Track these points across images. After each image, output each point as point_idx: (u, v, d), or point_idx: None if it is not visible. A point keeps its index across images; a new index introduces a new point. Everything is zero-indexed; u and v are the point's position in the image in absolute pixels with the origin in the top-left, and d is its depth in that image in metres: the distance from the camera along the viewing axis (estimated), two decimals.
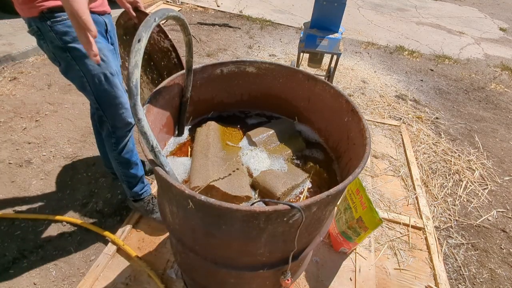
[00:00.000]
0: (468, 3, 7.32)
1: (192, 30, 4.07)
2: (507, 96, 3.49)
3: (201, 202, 0.64)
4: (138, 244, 1.52)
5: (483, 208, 2.04)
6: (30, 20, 1.04)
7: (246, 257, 0.80)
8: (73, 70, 1.14)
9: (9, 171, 1.91)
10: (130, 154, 1.43)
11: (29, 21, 1.05)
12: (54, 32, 1.04)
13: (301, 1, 5.84)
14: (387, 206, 1.88)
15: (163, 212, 0.91)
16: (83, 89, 1.22)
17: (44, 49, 1.13)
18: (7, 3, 3.51)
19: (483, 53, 4.63)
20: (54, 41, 1.06)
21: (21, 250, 1.52)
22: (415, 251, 1.64)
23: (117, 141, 1.37)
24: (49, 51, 1.11)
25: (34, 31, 1.07)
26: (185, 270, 1.10)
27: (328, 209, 0.80)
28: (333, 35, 2.45)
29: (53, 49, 1.09)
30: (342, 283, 1.45)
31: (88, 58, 1.12)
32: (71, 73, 1.16)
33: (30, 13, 1.01)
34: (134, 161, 1.47)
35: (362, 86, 3.29)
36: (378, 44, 4.42)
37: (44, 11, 1.01)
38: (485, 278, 1.64)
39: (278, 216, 0.66)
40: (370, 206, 1.30)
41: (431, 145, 2.52)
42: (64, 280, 1.43)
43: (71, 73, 1.16)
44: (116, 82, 1.23)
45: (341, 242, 1.51)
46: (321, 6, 2.41)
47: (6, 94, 2.51)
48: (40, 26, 1.04)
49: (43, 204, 1.75)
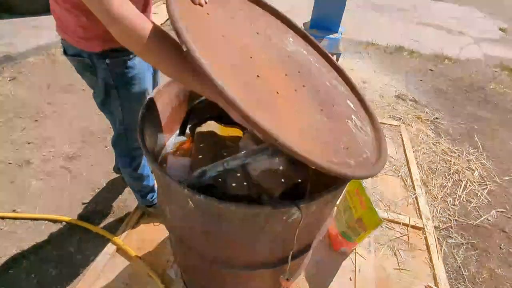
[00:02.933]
0: (468, 3, 7.32)
1: None
2: (507, 96, 3.49)
3: (200, 200, 0.64)
4: (138, 244, 1.52)
5: (482, 208, 2.04)
6: (83, 52, 0.99)
7: (246, 256, 0.80)
8: (113, 103, 1.14)
9: (8, 171, 1.91)
10: (143, 169, 1.44)
11: (80, 52, 1.00)
12: (110, 70, 1.03)
13: (301, 1, 5.84)
14: (387, 206, 1.88)
15: (162, 211, 0.91)
16: (111, 114, 1.21)
17: (87, 78, 1.11)
18: (6, 3, 3.51)
19: (482, 53, 4.63)
20: (106, 78, 1.04)
21: (20, 250, 1.52)
22: (414, 251, 1.64)
23: (133, 159, 1.37)
24: (94, 82, 1.09)
25: (85, 63, 1.02)
26: (184, 270, 1.10)
27: (327, 209, 0.80)
28: (333, 35, 2.46)
29: (101, 83, 1.07)
30: (342, 283, 1.45)
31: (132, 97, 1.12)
32: (108, 106, 1.16)
33: (90, 48, 0.98)
34: (146, 174, 1.48)
35: (362, 86, 3.29)
36: (378, 44, 4.42)
37: (106, 49, 0.98)
38: (484, 278, 1.64)
39: (277, 215, 0.66)
40: (370, 206, 1.30)
41: (431, 145, 2.52)
42: (63, 280, 1.43)
43: (108, 105, 1.15)
44: None
45: (340, 242, 1.51)
46: (321, 6, 2.41)
47: (6, 94, 2.51)
48: (96, 61, 1.01)
49: (42, 204, 1.75)
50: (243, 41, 0.73)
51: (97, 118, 2.38)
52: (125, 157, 1.36)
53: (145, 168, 1.46)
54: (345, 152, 0.68)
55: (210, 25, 0.70)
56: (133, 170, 1.40)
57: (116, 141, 1.34)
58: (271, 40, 0.85)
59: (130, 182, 1.49)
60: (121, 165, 1.41)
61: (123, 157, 1.37)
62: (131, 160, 1.37)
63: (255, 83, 0.64)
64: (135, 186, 1.51)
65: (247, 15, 0.87)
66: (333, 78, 0.97)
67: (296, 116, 0.66)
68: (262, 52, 0.76)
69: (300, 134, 0.62)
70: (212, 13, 0.74)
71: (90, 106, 2.49)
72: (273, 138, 0.53)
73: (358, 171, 0.62)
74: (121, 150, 1.35)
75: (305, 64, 0.88)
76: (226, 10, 0.80)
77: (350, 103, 0.90)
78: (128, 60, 1.05)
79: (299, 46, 0.96)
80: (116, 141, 1.34)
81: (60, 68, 2.93)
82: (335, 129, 0.72)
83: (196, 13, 0.69)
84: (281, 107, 0.64)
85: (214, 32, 0.68)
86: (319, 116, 0.72)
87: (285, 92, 0.70)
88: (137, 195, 1.57)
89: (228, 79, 0.57)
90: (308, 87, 0.78)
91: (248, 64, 0.67)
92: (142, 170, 1.44)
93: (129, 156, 1.36)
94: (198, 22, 0.67)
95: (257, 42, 0.78)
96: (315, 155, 0.58)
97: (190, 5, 0.70)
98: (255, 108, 0.56)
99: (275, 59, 0.78)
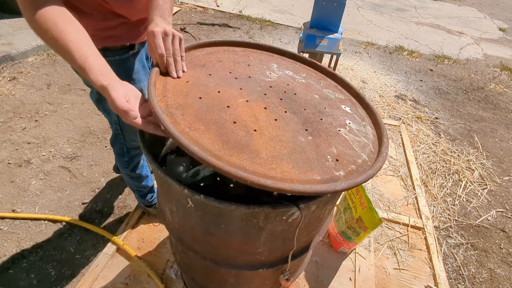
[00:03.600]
0: (467, 3, 7.33)
1: (191, 30, 4.08)
2: (507, 96, 3.49)
3: (200, 200, 0.64)
4: (138, 244, 1.52)
5: (482, 208, 2.04)
6: None
7: (246, 256, 0.80)
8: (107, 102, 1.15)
9: (8, 171, 1.90)
10: (141, 169, 1.44)
11: None
12: None
13: (301, 1, 5.85)
14: (387, 206, 1.88)
15: (162, 211, 0.91)
16: (107, 113, 1.21)
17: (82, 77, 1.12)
18: (6, 3, 3.51)
19: (482, 53, 4.63)
20: None
21: (20, 250, 1.52)
22: (414, 251, 1.64)
23: (130, 159, 1.37)
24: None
25: None
26: (184, 270, 1.10)
27: (327, 209, 0.80)
28: (333, 35, 2.46)
29: None
30: (342, 283, 1.45)
31: None
32: (103, 105, 1.16)
33: None
34: (145, 174, 1.47)
35: (362, 86, 3.30)
36: (378, 44, 4.42)
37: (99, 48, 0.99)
38: (484, 278, 1.64)
39: (277, 215, 0.67)
40: (370, 206, 1.30)
41: (431, 145, 2.52)
42: (63, 280, 1.43)
43: (103, 104, 1.16)
44: None
45: (340, 242, 1.51)
46: (320, 6, 2.41)
47: (6, 94, 2.51)
48: None
49: (42, 204, 1.75)
50: (221, 94, 0.80)
51: (97, 118, 2.38)
52: (123, 157, 1.36)
53: (143, 168, 1.45)
54: (334, 164, 0.69)
55: (188, 92, 0.77)
56: (131, 170, 1.40)
57: (114, 141, 1.34)
58: (251, 78, 0.91)
59: (129, 182, 1.49)
60: (119, 165, 1.40)
61: (120, 157, 1.36)
62: (129, 160, 1.36)
63: (231, 130, 0.69)
64: (134, 186, 1.51)
65: (225, 65, 0.93)
66: (325, 87, 0.98)
67: (276, 146, 0.69)
68: (240, 96, 0.81)
69: (279, 163, 0.65)
70: (191, 79, 0.83)
71: (89, 106, 2.49)
72: (243, 180, 0.57)
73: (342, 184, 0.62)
74: (118, 150, 1.35)
75: (289, 87, 0.91)
76: (205, 69, 0.89)
77: (346, 107, 0.91)
78: (123, 60, 1.05)
79: (285, 69, 1.01)
80: (114, 141, 1.34)
81: (60, 68, 2.93)
82: (322, 144, 0.74)
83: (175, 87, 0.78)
84: (258, 143, 0.68)
85: (192, 97, 0.76)
86: (303, 137, 0.74)
87: (264, 125, 0.74)
88: (136, 195, 1.57)
89: (202, 137, 0.65)
90: (290, 111, 0.82)
91: (224, 115, 0.73)
92: (140, 170, 1.43)
93: (127, 156, 1.35)
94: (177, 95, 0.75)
95: (235, 88, 0.84)
96: (295, 179, 0.62)
97: (169, 81, 0.79)
98: (229, 154, 0.63)
99: (253, 97, 0.83)
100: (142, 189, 1.52)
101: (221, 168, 0.58)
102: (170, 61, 0.80)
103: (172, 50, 0.79)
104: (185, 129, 0.66)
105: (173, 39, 0.79)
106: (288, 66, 1.04)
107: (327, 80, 1.02)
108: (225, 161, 0.61)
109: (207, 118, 0.71)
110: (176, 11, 4.64)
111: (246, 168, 0.61)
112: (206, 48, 1.00)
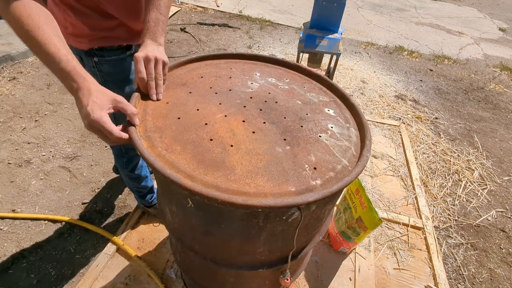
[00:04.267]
0: (467, 3, 7.33)
1: (191, 30, 4.08)
2: (506, 96, 3.49)
3: (200, 201, 0.64)
4: (138, 244, 1.52)
5: (482, 208, 2.04)
6: (73, 49, 1.00)
7: (246, 256, 0.80)
8: None
9: (8, 171, 1.91)
10: (140, 170, 1.44)
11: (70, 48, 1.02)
12: (98, 69, 1.04)
13: (301, 1, 5.85)
14: (387, 206, 1.88)
15: (162, 211, 0.91)
16: None
17: None
18: None
19: (482, 53, 4.63)
20: (94, 75, 1.04)
21: (20, 250, 1.52)
22: (414, 251, 1.64)
23: (129, 160, 1.37)
24: None
25: None
26: (184, 270, 1.10)
27: (327, 208, 0.80)
28: (333, 35, 2.46)
29: None
30: (342, 283, 1.45)
31: None
32: None
33: (78, 45, 0.99)
34: (144, 175, 1.48)
35: (362, 86, 3.30)
36: (378, 44, 4.42)
37: (94, 48, 0.99)
38: (484, 278, 1.64)
39: (277, 215, 0.67)
40: (370, 206, 1.30)
41: (431, 145, 2.52)
42: (63, 280, 1.43)
43: None
44: None
45: (340, 242, 1.51)
46: (320, 6, 2.41)
47: (6, 94, 2.51)
48: (84, 58, 1.02)
49: (42, 204, 1.75)
50: (200, 112, 0.81)
51: None
52: (121, 158, 1.36)
53: (142, 169, 1.45)
54: (312, 173, 0.69)
55: (167, 114, 0.79)
56: (130, 171, 1.40)
57: None
58: (231, 91, 0.91)
59: (128, 182, 1.49)
60: (118, 165, 1.41)
61: (119, 158, 1.36)
62: (127, 160, 1.37)
63: (207, 148, 0.70)
64: (133, 187, 1.51)
65: (206, 81, 0.94)
66: (309, 90, 0.97)
67: (252, 160, 0.69)
68: (218, 111, 0.82)
69: (254, 177, 0.65)
70: (171, 99, 0.84)
71: None
72: (213, 199, 0.58)
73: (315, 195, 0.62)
74: (116, 151, 1.35)
75: (270, 95, 0.91)
76: (186, 87, 0.90)
77: (329, 110, 0.90)
78: (117, 61, 1.05)
79: (268, 76, 1.01)
80: None
81: None
82: (300, 153, 0.73)
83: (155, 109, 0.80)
84: (234, 159, 0.69)
85: (171, 118, 0.78)
86: (281, 148, 0.74)
87: (241, 140, 0.74)
88: (136, 196, 1.57)
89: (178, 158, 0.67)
90: (269, 121, 0.81)
91: (201, 133, 0.74)
92: (139, 171, 1.43)
93: (125, 157, 1.35)
94: (156, 117, 0.77)
95: (215, 103, 0.85)
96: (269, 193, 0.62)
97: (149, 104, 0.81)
98: (204, 173, 0.64)
99: (232, 110, 0.83)
100: (141, 190, 1.52)
101: (192, 189, 0.58)
102: (152, 84, 0.82)
103: (154, 74, 0.81)
104: (162, 152, 0.68)
105: (156, 63, 0.81)
106: (271, 73, 1.04)
107: (312, 83, 1.02)
108: (198, 181, 0.62)
109: (184, 138, 0.72)
110: (176, 11, 4.64)
111: (219, 186, 0.62)
112: (189, 65, 1.01)
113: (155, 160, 0.64)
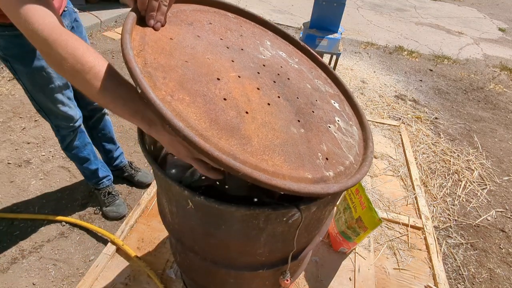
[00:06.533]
0: (467, 3, 7.33)
1: None
2: (506, 96, 3.50)
3: (200, 202, 0.64)
4: (138, 244, 1.52)
5: (482, 208, 2.04)
6: None
7: (246, 257, 0.80)
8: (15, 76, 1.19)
9: (8, 171, 1.90)
10: (77, 151, 1.47)
11: None
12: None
13: (301, 1, 5.85)
14: (386, 206, 1.88)
15: (162, 212, 0.91)
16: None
17: None
18: None
19: (482, 53, 4.63)
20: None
21: (20, 250, 1.52)
22: (414, 251, 1.64)
23: (62, 138, 1.42)
24: None
25: None
26: (184, 270, 1.10)
27: (327, 209, 0.80)
28: (333, 35, 2.46)
29: None
30: (342, 283, 1.45)
31: (26, 74, 1.15)
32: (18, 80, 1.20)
33: None
34: (83, 157, 1.51)
35: (362, 86, 3.30)
36: (378, 44, 4.42)
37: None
38: (484, 278, 1.64)
39: (277, 216, 0.66)
40: (370, 206, 1.30)
41: (430, 145, 2.52)
42: (63, 280, 1.43)
43: (17, 80, 1.21)
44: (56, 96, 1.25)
45: (340, 242, 1.51)
46: (320, 6, 2.41)
47: (5, 94, 2.51)
48: None
49: (42, 204, 1.75)
50: (210, 62, 0.68)
51: None
52: (57, 135, 1.40)
53: (79, 151, 1.48)
54: (324, 163, 0.65)
55: (171, 52, 0.64)
56: (64, 149, 1.45)
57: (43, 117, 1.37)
58: (243, 50, 0.80)
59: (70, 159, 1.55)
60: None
61: (55, 135, 1.41)
62: (61, 138, 1.41)
63: (221, 107, 0.60)
64: (76, 165, 1.57)
65: (216, 29, 0.81)
66: (316, 77, 0.92)
67: (268, 134, 0.62)
68: (231, 69, 0.71)
69: (271, 154, 0.59)
70: (176, 37, 0.69)
71: None
72: (235, 170, 0.51)
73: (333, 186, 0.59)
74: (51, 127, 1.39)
75: (282, 70, 0.83)
76: (193, 28, 0.75)
77: (335, 103, 0.87)
78: (12, 36, 1.06)
79: (278, 49, 0.92)
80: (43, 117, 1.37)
81: None
82: (313, 140, 0.69)
83: (156, 42, 0.64)
84: (250, 128, 0.60)
85: (176, 59, 0.63)
86: (295, 129, 0.68)
87: (257, 109, 0.65)
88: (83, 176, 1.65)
89: (187, 110, 0.55)
90: (284, 97, 0.74)
91: (213, 88, 0.63)
92: (76, 151, 1.47)
93: (58, 135, 1.40)
94: (158, 52, 0.62)
95: (227, 58, 0.73)
96: (287, 175, 0.57)
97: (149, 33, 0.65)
98: (217, 136, 0.54)
99: (246, 73, 0.73)
100: (83, 170, 1.58)
101: (211, 154, 0.49)
102: (154, 4, 0.63)
103: None
104: (167, 97, 0.55)
105: None
106: (281, 46, 0.95)
107: (318, 70, 0.97)
108: (213, 145, 0.53)
109: (194, 88, 0.60)
110: None
111: (236, 156, 0.54)
112: (195, 5, 0.85)
113: (162, 106, 0.50)
